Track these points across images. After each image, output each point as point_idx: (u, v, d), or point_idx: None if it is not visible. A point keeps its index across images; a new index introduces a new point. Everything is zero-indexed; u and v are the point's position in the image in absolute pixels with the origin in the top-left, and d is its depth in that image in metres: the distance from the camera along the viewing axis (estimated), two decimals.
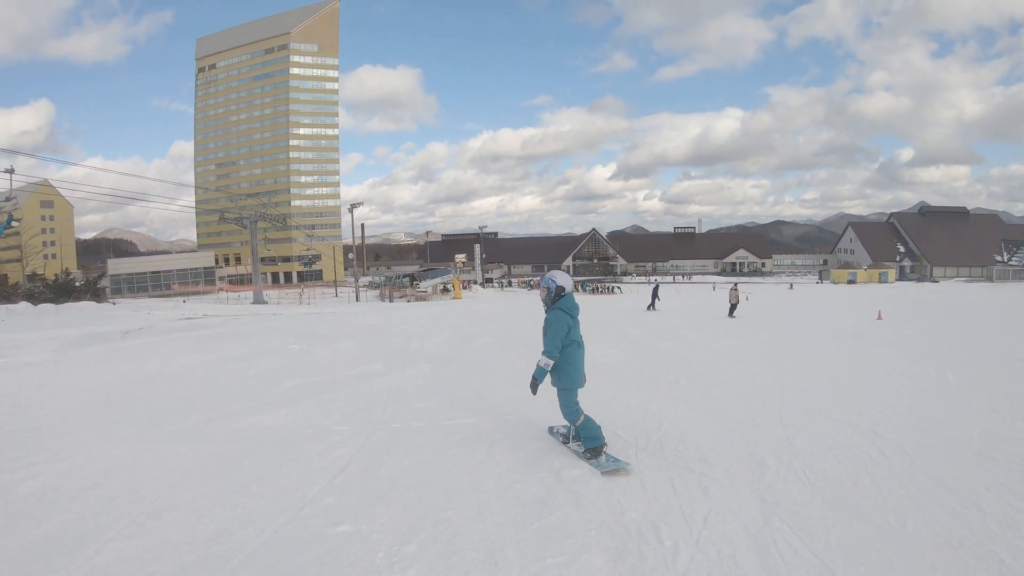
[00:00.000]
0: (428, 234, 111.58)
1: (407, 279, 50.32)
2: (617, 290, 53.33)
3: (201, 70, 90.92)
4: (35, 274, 38.37)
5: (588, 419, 3.72)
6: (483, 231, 71.88)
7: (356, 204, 45.15)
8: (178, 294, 49.35)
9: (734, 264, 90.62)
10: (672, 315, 18.99)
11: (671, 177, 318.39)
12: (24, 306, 23.29)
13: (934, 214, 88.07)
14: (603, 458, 3.67)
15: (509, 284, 66.90)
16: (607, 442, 3.78)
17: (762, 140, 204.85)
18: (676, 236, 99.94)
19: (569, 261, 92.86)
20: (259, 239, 39.50)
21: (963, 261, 78.13)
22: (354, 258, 48.44)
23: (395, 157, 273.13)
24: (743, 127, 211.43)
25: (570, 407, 3.74)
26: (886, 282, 67.27)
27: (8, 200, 23.33)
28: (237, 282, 65.10)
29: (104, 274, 52.27)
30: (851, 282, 66.20)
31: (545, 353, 3.65)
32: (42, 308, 23.06)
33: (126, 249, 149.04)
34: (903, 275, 75.94)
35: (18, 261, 52.71)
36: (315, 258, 49.91)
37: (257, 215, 39.39)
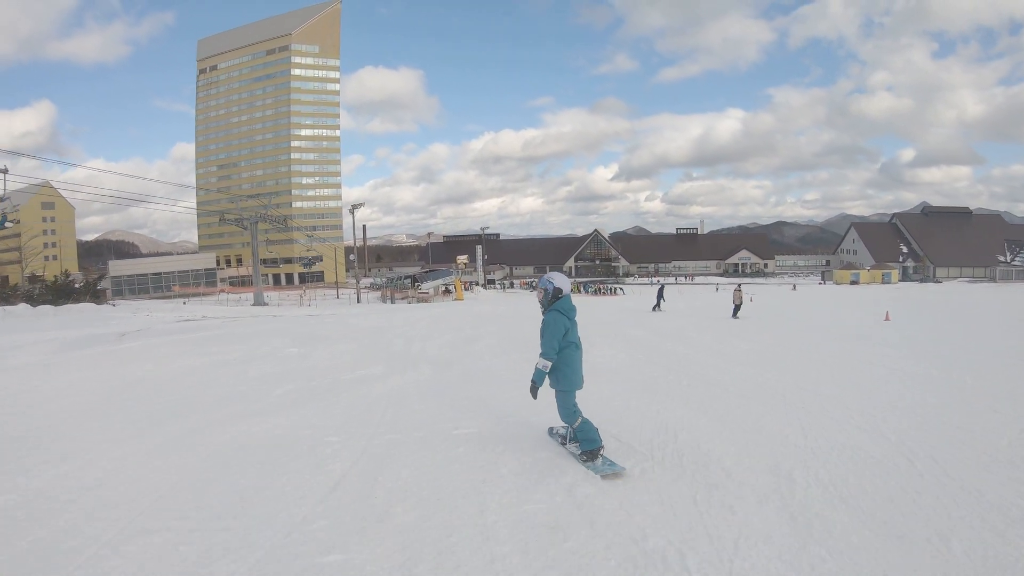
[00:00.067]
0: (430, 235, 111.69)
1: (409, 280, 50.18)
2: (619, 291, 53.07)
3: (202, 71, 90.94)
4: (35, 276, 38.23)
5: (585, 421, 3.69)
6: (485, 232, 71.71)
7: (357, 205, 45.09)
8: (179, 296, 49.22)
9: (736, 265, 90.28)
10: (676, 316, 18.92)
11: (673, 178, 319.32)
12: (23, 308, 23.12)
13: (937, 214, 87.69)
14: (599, 460, 3.63)
15: (511, 285, 66.74)
16: (604, 444, 3.74)
17: (764, 141, 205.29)
18: (678, 237, 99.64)
19: (571, 262, 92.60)
20: (260, 240, 39.29)
21: (966, 261, 77.79)
22: (355, 259, 48.25)
23: (396, 158, 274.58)
24: (745, 128, 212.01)
25: (567, 409, 3.70)
26: (889, 283, 67.02)
27: (2, 200, 23.15)
28: (238, 284, 65.04)
29: (104, 276, 52.17)
30: (854, 283, 65.98)
31: (543, 355, 3.62)
32: (41, 310, 22.90)
33: (128, 251, 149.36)
34: (906, 276, 75.68)
35: (18, 263, 52.64)
36: (315, 259, 49.68)
37: (257, 216, 39.17)
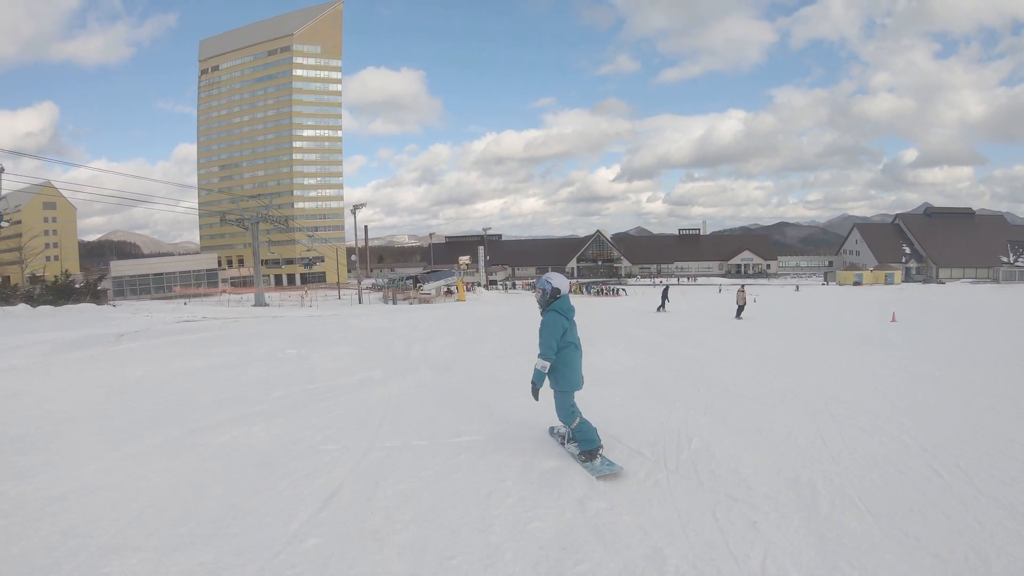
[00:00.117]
0: (432, 236, 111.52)
1: (410, 281, 49.99)
2: (622, 292, 52.87)
3: (204, 72, 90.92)
4: (35, 276, 38.16)
5: (584, 421, 3.68)
6: (487, 233, 71.50)
7: (359, 206, 44.67)
8: (180, 296, 49.16)
9: (739, 266, 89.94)
10: (680, 317, 18.80)
11: (674, 179, 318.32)
12: (22, 308, 23.04)
13: (939, 215, 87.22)
14: (598, 461, 3.62)
15: (513, 286, 66.52)
16: (603, 444, 3.72)
17: (765, 142, 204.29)
18: (680, 238, 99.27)
19: (573, 263, 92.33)
20: (262, 241, 39.15)
21: (969, 262, 77.39)
22: (357, 260, 48.07)
23: (398, 159, 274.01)
24: (746, 129, 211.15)
25: (566, 409, 3.69)
26: (892, 283, 66.72)
27: None
28: (240, 284, 64.93)
29: (105, 276, 52.15)
30: (857, 284, 65.76)
31: (541, 355, 3.61)
32: (40, 310, 22.81)
33: (130, 251, 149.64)
34: (909, 276, 75.32)
35: (19, 263, 52.61)
36: (316, 259, 49.54)
37: (259, 217, 39.03)
